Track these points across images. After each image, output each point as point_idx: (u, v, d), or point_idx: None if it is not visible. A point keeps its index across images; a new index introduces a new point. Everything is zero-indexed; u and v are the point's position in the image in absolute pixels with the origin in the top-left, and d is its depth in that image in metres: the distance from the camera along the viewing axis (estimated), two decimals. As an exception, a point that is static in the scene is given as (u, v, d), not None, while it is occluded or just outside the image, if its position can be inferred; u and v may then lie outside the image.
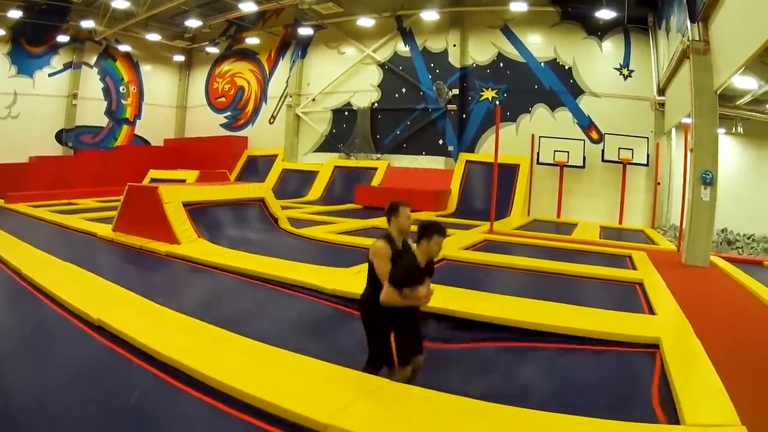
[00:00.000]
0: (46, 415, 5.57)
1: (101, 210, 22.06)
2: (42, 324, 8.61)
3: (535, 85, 25.82)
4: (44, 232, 17.68)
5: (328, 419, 5.10)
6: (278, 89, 34.50)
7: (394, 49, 30.04)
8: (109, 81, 34.92)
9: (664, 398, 5.95)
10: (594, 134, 24.43)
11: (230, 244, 14.55)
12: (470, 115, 27.69)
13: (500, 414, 5.25)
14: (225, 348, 7.15)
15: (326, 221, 20.62)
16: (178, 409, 5.88)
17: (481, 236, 17.60)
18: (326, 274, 11.06)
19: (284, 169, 32.98)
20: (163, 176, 26.76)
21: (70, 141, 32.70)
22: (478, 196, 25.69)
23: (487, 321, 8.38)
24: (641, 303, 10.15)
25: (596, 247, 16.32)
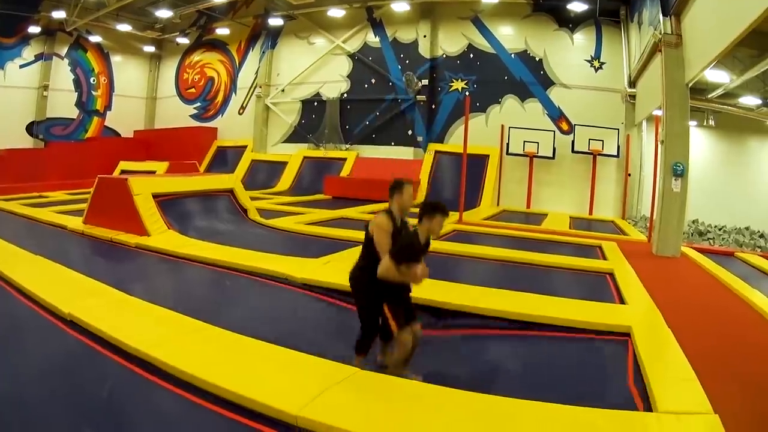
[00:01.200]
0: (16, 409, 5.46)
1: (72, 203, 21.66)
2: (11, 318, 8.45)
3: (506, 76, 25.79)
4: (14, 226, 17.39)
5: (297, 410, 5.09)
6: (248, 80, 34.31)
7: (364, 39, 29.90)
8: (79, 72, 34.58)
9: (637, 386, 5.98)
10: (564, 125, 24.40)
11: (200, 236, 14.52)
12: (439, 105, 27.63)
13: (473, 401, 5.27)
14: (196, 339, 7.10)
15: (295, 212, 20.49)
16: (149, 401, 5.81)
17: (450, 226, 17.51)
18: (296, 265, 11.02)
19: (253, 160, 32.87)
20: (134, 168, 26.63)
21: (40, 133, 32.36)
22: (447, 187, 25.55)
23: (457, 310, 8.34)
24: (612, 293, 10.18)
25: (566, 238, 16.36)
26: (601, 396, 5.81)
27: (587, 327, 7.71)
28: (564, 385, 6.20)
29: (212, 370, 6.03)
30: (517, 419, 5.01)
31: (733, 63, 16.77)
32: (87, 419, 5.29)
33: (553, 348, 7.39)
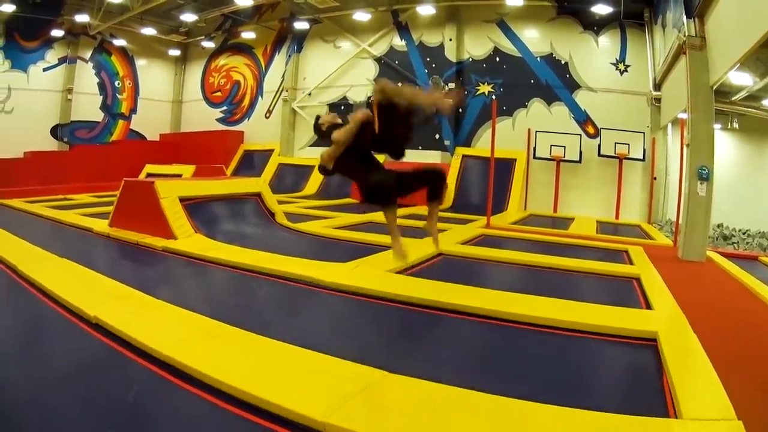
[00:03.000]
0: (40, 412, 5.44)
1: (97, 205, 21.90)
2: (36, 320, 8.46)
3: (532, 79, 25.91)
4: (39, 228, 17.35)
5: (325, 417, 5.05)
6: (274, 84, 34.62)
7: (390, 43, 30.15)
8: (104, 75, 34.88)
9: (663, 392, 5.87)
10: (590, 129, 24.56)
11: (227, 239, 14.45)
12: (466, 109, 27.80)
13: (504, 407, 5.20)
14: (223, 342, 7.10)
15: (323, 216, 20.28)
16: (175, 406, 5.76)
17: (478, 231, 17.53)
18: (324, 268, 10.95)
19: (280, 164, 33.09)
20: (160, 171, 26.80)
21: (65, 136, 32.67)
22: (474, 191, 25.82)
23: (484, 315, 8.36)
24: (638, 298, 10.10)
25: (593, 242, 16.19)
26: (627, 402, 5.77)
27: (613, 332, 7.64)
28: (590, 391, 6.13)
29: (239, 374, 6.04)
30: (546, 425, 4.94)
31: (756, 65, 16.94)
32: (112, 423, 5.30)
33: (579, 353, 7.24)
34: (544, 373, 6.56)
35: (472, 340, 7.85)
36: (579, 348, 7.38)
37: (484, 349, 7.53)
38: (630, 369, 6.93)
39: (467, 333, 8.06)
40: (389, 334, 8.04)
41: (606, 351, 7.32)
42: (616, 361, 7.18)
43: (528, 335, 7.80)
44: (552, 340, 7.61)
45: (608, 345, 7.43)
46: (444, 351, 7.33)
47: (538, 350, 7.36)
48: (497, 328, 8.04)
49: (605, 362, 7.14)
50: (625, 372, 6.91)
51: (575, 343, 7.52)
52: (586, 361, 7.04)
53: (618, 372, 6.94)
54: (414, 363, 6.59)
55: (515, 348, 7.47)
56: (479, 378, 6.12)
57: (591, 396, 5.83)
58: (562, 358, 7.07)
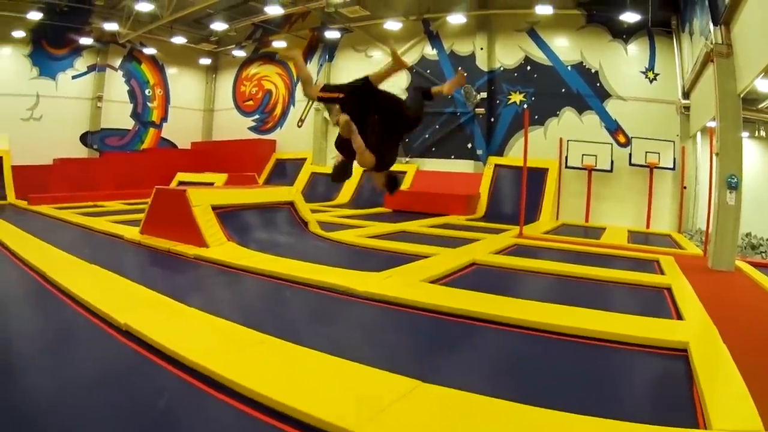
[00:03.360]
0: (69, 419, 5.52)
1: (128, 213, 22.27)
2: (66, 327, 8.60)
3: (563, 88, 26.14)
4: (69, 234, 17.70)
5: (358, 428, 5.08)
6: None
7: (422, 52, 30.53)
8: (134, 83, 35.57)
9: (693, 403, 5.94)
10: (621, 138, 24.70)
11: (260, 248, 14.59)
12: (498, 118, 28.08)
13: (539, 417, 5.24)
14: (256, 351, 7.16)
15: (356, 225, 20.41)
16: (205, 414, 5.84)
17: (511, 240, 17.68)
18: (358, 278, 11.07)
19: (313, 173, 33.39)
20: (191, 179, 27.29)
21: (95, 143, 33.32)
22: (507, 200, 26.10)
23: (518, 324, 8.48)
24: (669, 308, 10.14)
25: (624, 252, 16.26)
26: (656, 412, 5.78)
27: (645, 343, 7.69)
28: (621, 401, 6.16)
29: (270, 382, 6.06)
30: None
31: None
32: (141, 430, 5.35)
33: (611, 363, 7.32)
34: (576, 384, 6.68)
35: (505, 349, 8.02)
36: (611, 358, 7.47)
37: (517, 359, 7.68)
38: (660, 379, 6.98)
39: (500, 343, 8.23)
40: (423, 344, 8.12)
41: (637, 361, 7.40)
42: (646, 372, 7.24)
43: (561, 345, 7.93)
44: (584, 350, 7.74)
45: (639, 355, 7.50)
46: (477, 361, 7.52)
47: (570, 360, 7.47)
48: (530, 338, 8.18)
49: (636, 372, 7.20)
50: (656, 382, 6.96)
51: (607, 353, 7.63)
52: (617, 372, 7.12)
53: (648, 382, 6.99)
54: (448, 373, 6.72)
55: (548, 358, 7.59)
56: (512, 388, 6.27)
57: (622, 406, 5.91)
58: (594, 369, 7.17)
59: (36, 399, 5.80)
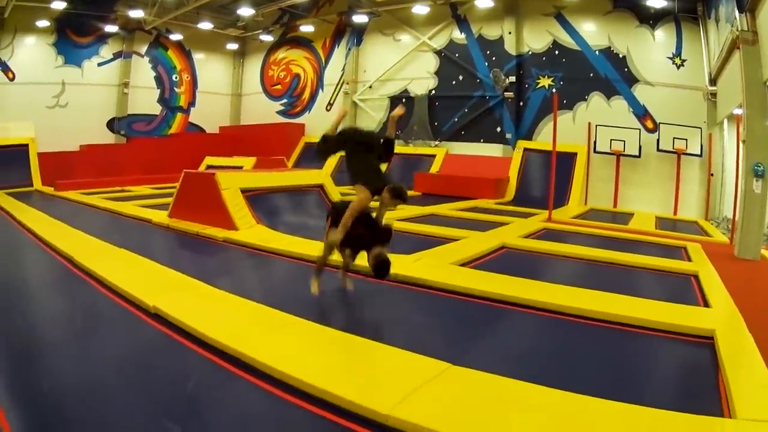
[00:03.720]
0: (99, 400, 5.69)
1: (156, 197, 22.92)
2: (95, 311, 8.82)
3: (591, 73, 26.18)
4: (97, 219, 18.12)
5: (389, 410, 5.17)
6: (334, 76, 35.43)
7: (450, 36, 30.79)
8: (161, 69, 36.11)
9: (718, 391, 6.06)
10: (649, 123, 24.69)
11: (289, 231, 14.87)
12: (527, 102, 28.24)
13: (565, 401, 5.40)
14: (284, 333, 7.36)
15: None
16: (233, 395, 5.98)
17: (540, 225, 17.95)
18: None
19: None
20: (220, 163, 27.57)
21: (122, 129, 33.86)
22: (535, 184, 26.32)
23: (546, 308, 8.75)
24: (696, 295, 10.29)
25: (652, 238, 16.42)
26: (682, 399, 5.90)
27: (672, 329, 7.85)
28: (646, 387, 6.34)
29: (300, 364, 6.23)
30: (603, 421, 5.07)
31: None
32: (170, 410, 5.51)
33: (637, 349, 7.47)
34: (602, 368, 6.88)
35: (533, 333, 8.26)
36: (637, 344, 7.66)
37: (545, 343, 7.89)
38: (686, 366, 7.18)
39: (528, 326, 8.47)
40: (453, 327, 8.27)
41: (663, 347, 7.58)
42: (672, 358, 7.40)
43: (588, 330, 8.15)
44: (611, 335, 7.97)
45: (666, 342, 7.69)
46: (506, 344, 7.74)
47: (597, 345, 7.68)
48: (558, 322, 8.44)
49: (662, 359, 7.36)
50: (682, 369, 7.14)
51: (634, 338, 7.80)
52: (643, 357, 7.30)
53: (674, 369, 7.17)
54: (477, 356, 6.90)
55: (575, 342, 7.80)
56: (540, 372, 6.43)
57: (647, 392, 6.12)
58: (621, 354, 7.39)
59: (66, 381, 6.13)
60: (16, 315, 8.42)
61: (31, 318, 8.43)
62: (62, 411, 5.39)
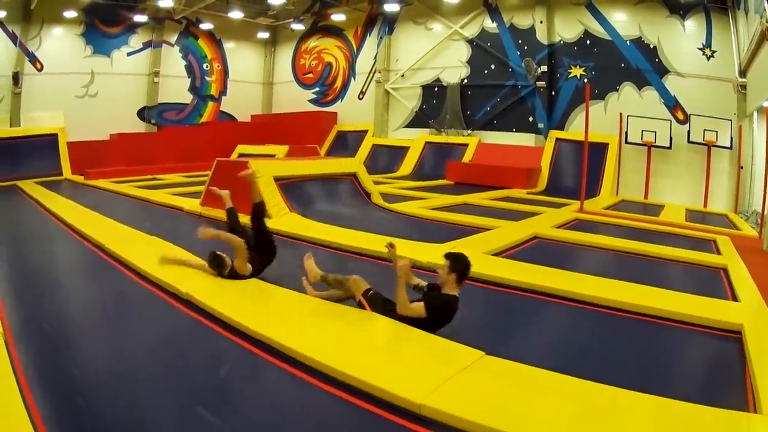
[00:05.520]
0: (132, 384, 5.96)
1: (187, 185, 23.34)
2: (128, 298, 9.14)
3: (622, 63, 26.39)
4: (128, 207, 18.54)
5: (422, 399, 5.29)
6: (366, 65, 36.05)
7: (482, 25, 31.24)
8: (191, 59, 36.76)
9: (745, 386, 6.21)
10: (680, 114, 24.80)
11: (322, 219, 15.12)
12: (559, 92, 28.59)
13: (594, 391, 5.58)
14: (317, 320, 7.54)
15: (418, 197, 21.08)
16: (267, 382, 6.23)
17: (571, 215, 18.18)
18: (421, 249, 11.41)
19: (374, 145, 34.36)
20: (252, 151, 28.18)
21: (153, 118, 34.51)
22: (567, 175, 26.64)
23: (577, 299, 8.98)
24: (725, 289, 10.42)
25: (682, 230, 16.51)
26: (708, 393, 6.03)
27: (700, 322, 7.97)
28: (674, 379, 6.52)
29: (334, 353, 6.40)
30: (631, 412, 5.21)
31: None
32: (202, 398, 5.68)
33: (666, 341, 7.66)
34: (631, 360, 7.08)
35: (565, 323, 8.52)
36: (666, 336, 7.84)
37: (576, 333, 8.15)
38: (713, 360, 7.32)
39: (560, 317, 8.73)
40: (486, 316, 8.53)
41: (692, 340, 7.76)
42: (700, 352, 7.60)
43: (618, 321, 8.36)
44: (640, 327, 8.15)
45: (694, 335, 7.86)
46: (538, 334, 7.98)
47: (626, 336, 7.90)
48: (589, 313, 8.65)
49: (690, 351, 7.56)
50: (709, 363, 7.31)
51: (663, 330, 7.98)
52: (671, 350, 7.49)
53: (701, 362, 7.34)
54: (510, 345, 7.12)
55: (605, 333, 8.06)
56: (570, 362, 6.67)
57: (674, 385, 6.23)
58: (649, 345, 7.57)
59: (98, 367, 6.41)
60: (47, 302, 8.80)
61: (62, 304, 8.87)
62: (95, 395, 5.71)
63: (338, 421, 5.50)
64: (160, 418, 5.39)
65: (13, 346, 6.67)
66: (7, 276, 10.17)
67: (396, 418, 5.26)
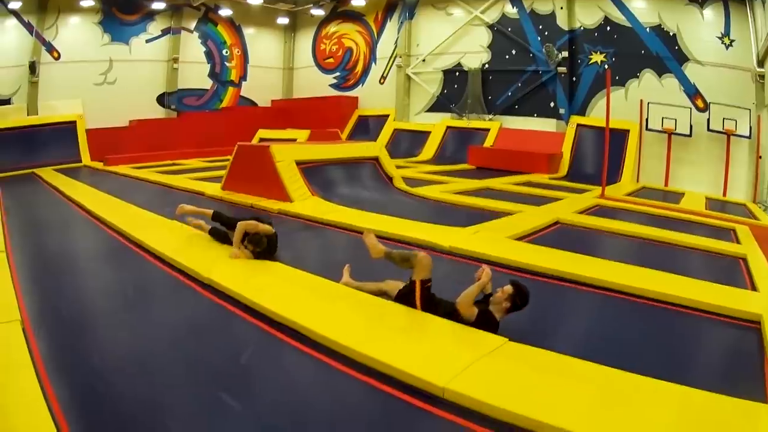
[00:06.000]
0: (155, 368, 6.18)
1: (208, 170, 23.93)
2: (149, 282, 9.40)
3: (642, 50, 26.50)
4: (149, 193, 18.72)
5: (445, 383, 5.43)
6: (387, 50, 36.35)
7: (502, 10, 31.43)
8: (211, 45, 37.00)
9: (762, 377, 6.29)
10: (700, 102, 24.88)
11: (344, 203, 15.32)
12: (580, 78, 28.82)
13: (616, 378, 5.74)
14: (342, 304, 7.65)
15: (440, 180, 21.52)
16: (290, 366, 6.37)
17: (593, 201, 18.26)
18: (444, 233, 11.75)
19: (396, 129, 34.61)
20: (273, 136, 28.15)
21: (172, 104, 34.81)
22: (588, 160, 26.82)
23: (598, 285, 9.13)
24: (744, 278, 10.48)
25: (702, 218, 16.55)
26: (725, 382, 6.08)
27: (719, 311, 8.07)
28: (691, 367, 6.67)
29: (358, 337, 6.52)
30: (655, 400, 5.28)
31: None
32: (223, 381, 5.87)
33: (684, 329, 7.76)
34: (650, 346, 7.19)
35: (586, 309, 8.71)
36: (685, 324, 7.93)
37: (596, 319, 8.35)
38: (731, 349, 7.39)
39: (582, 303, 8.90)
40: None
41: (710, 329, 7.89)
42: (718, 340, 7.72)
43: (638, 308, 8.45)
44: (661, 314, 8.23)
45: (713, 323, 7.97)
46: (560, 320, 8.18)
47: (646, 323, 7.99)
48: (610, 299, 8.76)
49: (708, 340, 7.71)
50: (727, 352, 7.42)
51: (682, 318, 8.07)
52: (690, 337, 7.59)
53: (719, 351, 7.50)
54: (532, 331, 7.17)
55: (625, 320, 8.16)
56: (591, 348, 6.75)
57: (692, 373, 6.35)
58: (669, 333, 7.64)
59: (119, 352, 6.63)
60: (66, 289, 9.05)
61: (82, 291, 9.17)
62: (115, 382, 5.88)
63: (361, 405, 5.71)
64: (181, 404, 5.59)
65: (31, 334, 6.91)
66: (25, 263, 10.40)
67: (419, 402, 5.44)
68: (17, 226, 13.69)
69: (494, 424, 5.06)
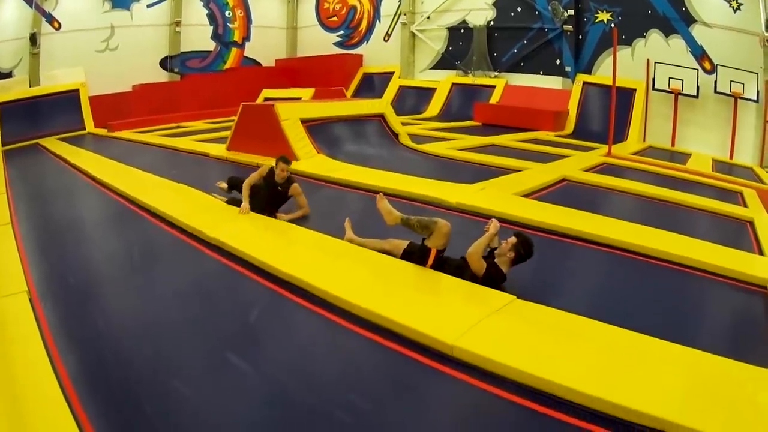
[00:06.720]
0: (164, 330, 6.34)
1: (212, 131, 23.77)
2: (155, 244, 9.58)
3: (649, 10, 26.28)
4: (153, 156, 18.78)
5: (453, 340, 5.54)
6: (391, 7, 36.14)
7: None
8: (213, 7, 36.63)
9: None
10: (707, 64, 24.78)
11: (350, 160, 15.39)
12: (586, 36, 28.75)
13: (623, 337, 5.82)
14: (348, 262, 7.76)
15: (446, 137, 21.41)
16: (297, 324, 6.47)
17: (599, 159, 18.32)
18: (451, 190, 11.78)
19: (401, 86, 34.66)
20: (277, 95, 28.10)
21: (176, 67, 34.54)
22: (595, 119, 26.82)
23: (605, 243, 9.23)
24: (751, 242, 10.54)
25: (709, 180, 16.60)
26: (731, 346, 6.11)
27: (726, 274, 8.09)
28: (698, 330, 6.67)
29: (365, 295, 6.56)
30: (663, 361, 5.37)
31: None
32: (231, 341, 6.01)
33: (690, 291, 7.84)
34: (656, 307, 7.23)
35: (593, 268, 8.82)
36: (691, 285, 8.00)
37: (603, 277, 8.48)
38: (738, 313, 7.42)
39: (588, 261, 9.01)
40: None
41: (716, 292, 7.90)
42: (725, 304, 7.71)
43: (644, 267, 8.54)
44: (666, 274, 8.30)
45: (719, 286, 7.98)
46: (566, 278, 8.29)
47: (652, 283, 8.04)
48: (617, 258, 8.86)
49: (715, 303, 7.72)
50: (733, 315, 7.41)
51: (688, 279, 8.13)
52: (696, 299, 7.67)
53: (726, 315, 7.47)
54: (539, 289, 7.30)
55: (631, 279, 8.24)
56: (597, 306, 6.83)
57: (698, 335, 6.37)
58: (674, 294, 7.71)
59: (126, 316, 6.79)
60: (72, 256, 9.26)
61: (88, 257, 9.32)
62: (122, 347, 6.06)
63: (369, 363, 5.88)
64: (188, 366, 5.75)
65: (38, 302, 7.03)
66: (31, 233, 10.54)
67: (427, 360, 5.57)
68: (22, 197, 13.82)
69: (503, 383, 5.18)
